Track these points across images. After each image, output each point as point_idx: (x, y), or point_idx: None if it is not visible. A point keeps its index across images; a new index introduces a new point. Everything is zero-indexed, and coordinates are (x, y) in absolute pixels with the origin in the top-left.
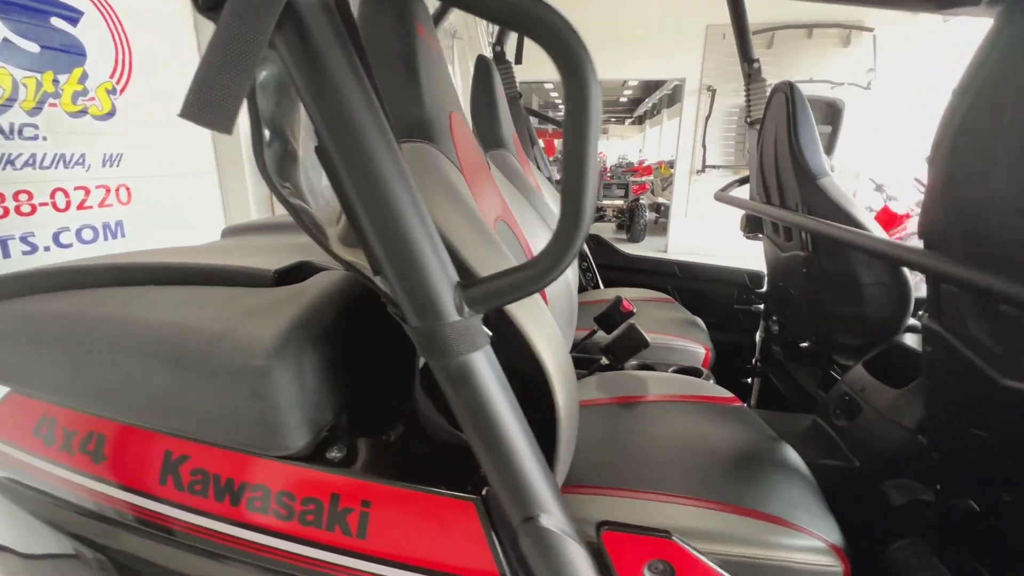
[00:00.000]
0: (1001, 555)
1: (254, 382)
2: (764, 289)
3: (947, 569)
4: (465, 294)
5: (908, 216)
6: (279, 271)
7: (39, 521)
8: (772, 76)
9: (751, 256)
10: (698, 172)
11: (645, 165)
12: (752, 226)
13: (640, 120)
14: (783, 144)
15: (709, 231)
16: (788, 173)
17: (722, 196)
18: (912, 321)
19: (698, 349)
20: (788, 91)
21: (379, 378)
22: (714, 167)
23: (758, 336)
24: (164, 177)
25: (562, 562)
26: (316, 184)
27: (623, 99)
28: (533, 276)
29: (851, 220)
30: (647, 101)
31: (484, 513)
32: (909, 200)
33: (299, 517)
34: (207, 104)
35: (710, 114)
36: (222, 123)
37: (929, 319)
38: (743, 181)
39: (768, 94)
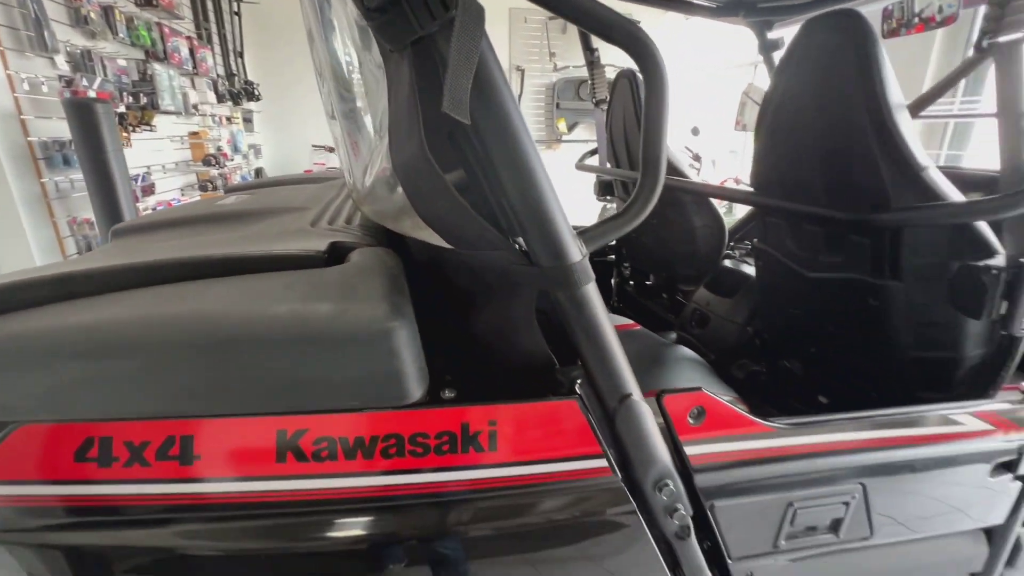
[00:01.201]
0: (810, 394)
1: (383, 344)
2: (614, 242)
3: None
4: (582, 237)
5: (724, 184)
6: (327, 252)
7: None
8: (573, 59)
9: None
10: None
11: None
12: (604, 190)
13: None
14: (631, 120)
15: None
16: (636, 143)
17: (582, 166)
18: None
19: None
20: (631, 77)
21: (441, 329)
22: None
23: (613, 281)
24: None
25: (647, 424)
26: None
27: None
28: (623, 222)
29: (683, 173)
30: None
31: (583, 406)
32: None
33: (435, 450)
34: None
35: (521, 92)
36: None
37: (759, 243)
38: (592, 152)
39: (608, 78)
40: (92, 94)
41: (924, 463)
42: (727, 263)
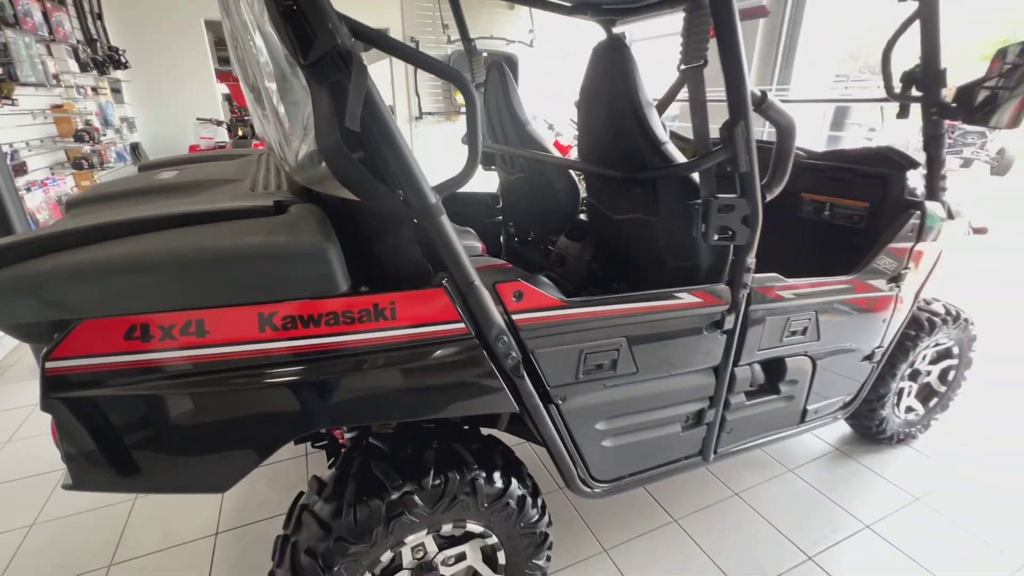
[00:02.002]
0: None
1: (322, 257)
2: (500, 205)
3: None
4: (436, 189)
5: (570, 147)
6: (273, 206)
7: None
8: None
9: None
10: (416, 119)
11: None
12: (487, 160)
13: None
14: (502, 104)
15: (440, 171)
16: (508, 123)
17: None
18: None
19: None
20: (500, 68)
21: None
22: (430, 114)
23: (501, 238)
24: None
25: (486, 300)
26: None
27: None
28: (456, 181)
29: (546, 149)
30: None
31: (448, 292)
32: (569, 135)
33: (358, 319)
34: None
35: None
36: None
37: (587, 198)
38: None
39: (484, 65)
40: None
41: (663, 323)
42: (582, 216)
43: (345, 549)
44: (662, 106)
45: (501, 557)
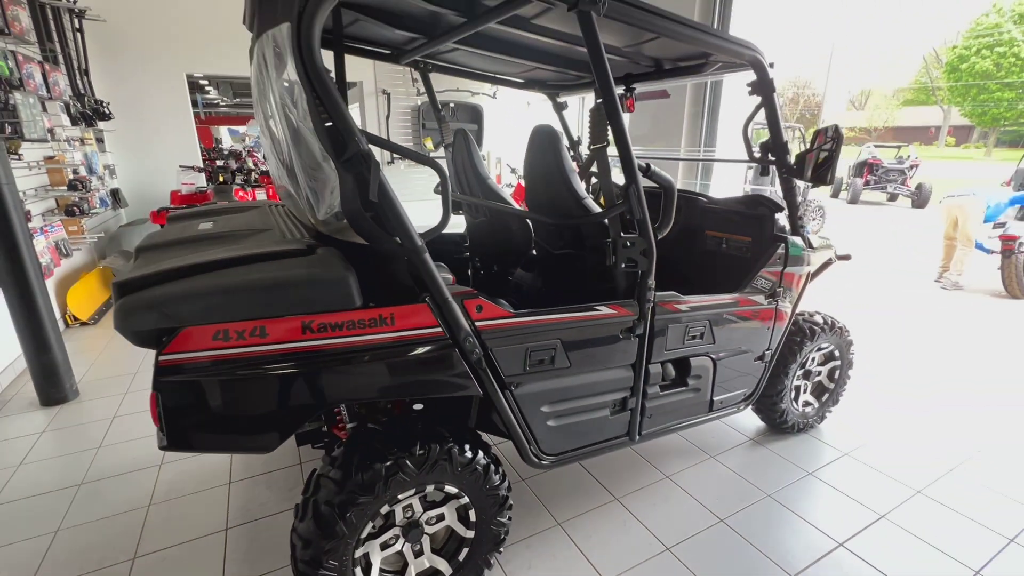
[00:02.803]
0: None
1: (344, 282)
2: (467, 243)
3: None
4: (423, 235)
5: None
6: (307, 248)
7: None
8: (434, 85)
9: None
10: (388, 163)
11: None
12: (455, 207)
13: None
14: (467, 162)
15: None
16: (472, 177)
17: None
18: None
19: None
20: (464, 134)
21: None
22: (400, 159)
23: (469, 272)
24: None
25: (457, 312)
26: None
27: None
28: (434, 230)
29: (504, 200)
30: None
31: (430, 306)
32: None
33: (368, 325)
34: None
35: (389, 113)
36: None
37: (534, 237)
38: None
39: (452, 132)
40: None
41: (587, 329)
42: (534, 252)
43: (355, 499)
44: (582, 172)
45: (472, 515)
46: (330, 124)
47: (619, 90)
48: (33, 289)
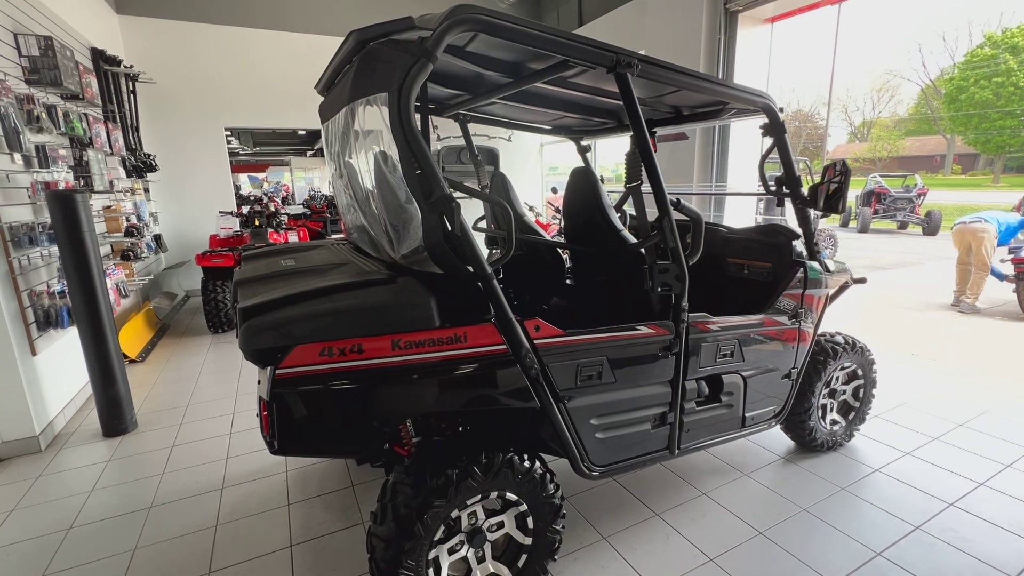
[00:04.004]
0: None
1: (427, 306)
2: (501, 276)
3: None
4: (491, 264)
5: (548, 225)
6: (390, 278)
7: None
8: (452, 131)
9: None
10: None
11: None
12: (490, 242)
13: (321, 152)
14: (504, 200)
15: None
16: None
17: (476, 228)
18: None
19: None
20: (501, 176)
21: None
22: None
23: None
24: None
25: (519, 332)
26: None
27: (301, 131)
28: (499, 259)
29: (538, 234)
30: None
31: (496, 326)
32: (546, 215)
33: (447, 342)
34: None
35: None
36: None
37: (571, 266)
38: (481, 218)
39: (486, 174)
40: (61, 185)
41: (629, 347)
42: (567, 281)
43: (431, 503)
44: (617, 208)
45: (530, 522)
46: (419, 172)
47: None
48: (104, 326)
